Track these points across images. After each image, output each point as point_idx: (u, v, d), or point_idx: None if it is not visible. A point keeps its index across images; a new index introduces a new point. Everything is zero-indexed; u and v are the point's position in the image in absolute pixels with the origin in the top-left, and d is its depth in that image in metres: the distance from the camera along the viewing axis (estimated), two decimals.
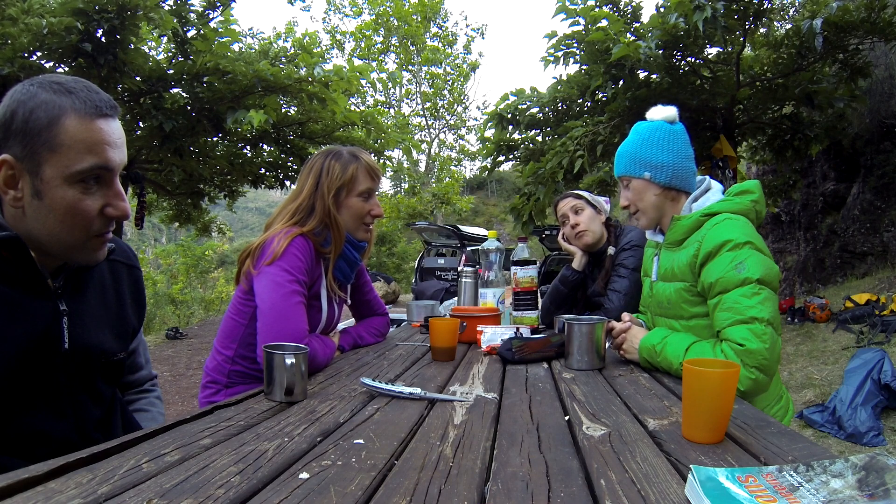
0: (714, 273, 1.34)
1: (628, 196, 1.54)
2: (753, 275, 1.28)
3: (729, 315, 1.29)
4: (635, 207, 1.54)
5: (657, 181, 1.48)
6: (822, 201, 8.76)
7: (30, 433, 0.95)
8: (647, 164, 1.48)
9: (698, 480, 0.64)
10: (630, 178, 1.52)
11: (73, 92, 0.90)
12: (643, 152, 1.49)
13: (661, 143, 1.48)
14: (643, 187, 1.50)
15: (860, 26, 5.58)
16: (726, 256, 1.32)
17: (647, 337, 1.42)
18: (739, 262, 1.30)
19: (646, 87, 6.15)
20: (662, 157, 1.47)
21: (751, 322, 1.26)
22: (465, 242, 10.12)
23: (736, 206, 1.41)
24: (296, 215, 1.55)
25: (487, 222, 27.99)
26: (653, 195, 1.50)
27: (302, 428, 0.90)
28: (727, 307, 1.30)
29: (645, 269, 1.66)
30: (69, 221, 0.92)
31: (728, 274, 1.31)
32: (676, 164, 1.47)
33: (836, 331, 5.46)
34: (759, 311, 1.26)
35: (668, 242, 1.50)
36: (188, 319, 10.78)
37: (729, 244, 1.33)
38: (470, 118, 26.48)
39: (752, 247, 1.32)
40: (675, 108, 1.53)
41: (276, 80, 6.56)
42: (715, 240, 1.35)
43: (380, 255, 18.37)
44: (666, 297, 1.49)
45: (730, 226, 1.36)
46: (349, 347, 1.72)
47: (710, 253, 1.35)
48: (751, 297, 1.27)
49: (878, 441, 3.38)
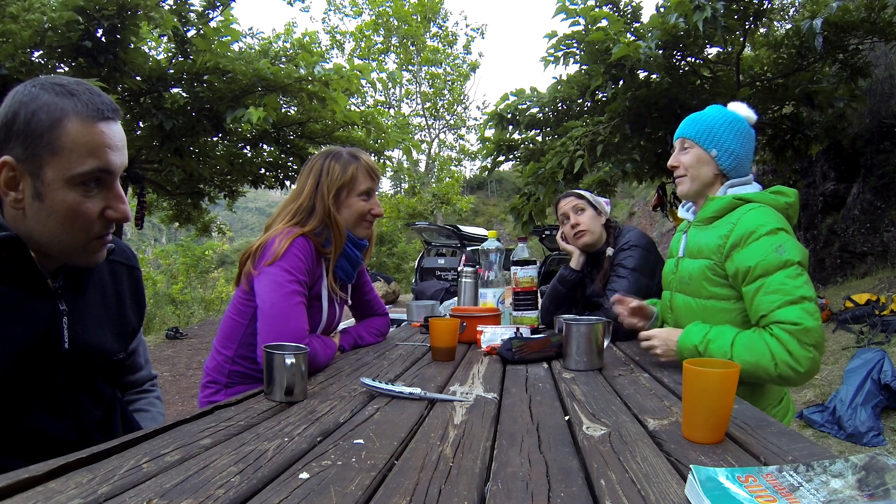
0: (753, 257, 1.33)
1: (683, 159, 1.54)
2: (794, 257, 1.30)
3: (777, 297, 1.29)
4: (685, 171, 1.54)
5: (719, 162, 1.49)
6: (822, 201, 8.75)
7: (30, 433, 0.95)
8: (719, 143, 1.49)
9: (698, 480, 0.64)
10: (695, 145, 1.52)
11: (75, 94, 0.90)
12: (720, 131, 1.49)
13: (738, 132, 1.50)
14: (704, 160, 1.51)
15: (860, 26, 5.58)
16: (764, 241, 1.33)
17: (685, 337, 1.38)
18: (779, 245, 1.31)
19: (646, 87, 6.15)
20: (735, 145, 1.49)
21: (801, 301, 1.27)
22: (465, 242, 10.12)
23: (770, 200, 1.43)
24: (296, 216, 1.55)
25: (487, 222, 27.98)
26: (709, 172, 1.51)
27: (302, 428, 0.90)
28: (773, 290, 1.29)
29: (672, 251, 1.67)
30: (69, 223, 0.92)
31: (770, 257, 1.31)
32: (742, 157, 1.50)
33: (836, 331, 5.46)
34: (806, 290, 1.28)
35: (699, 220, 1.51)
36: (188, 319, 10.77)
37: (763, 228, 1.33)
38: (470, 118, 26.52)
39: (786, 232, 1.33)
40: (755, 115, 1.55)
41: (276, 79, 6.56)
42: (749, 225, 1.35)
43: (380, 255, 18.36)
44: (689, 274, 1.49)
45: (764, 212, 1.37)
46: (349, 347, 1.72)
47: (743, 237, 1.35)
48: (796, 278, 1.29)
49: (878, 441, 3.38)
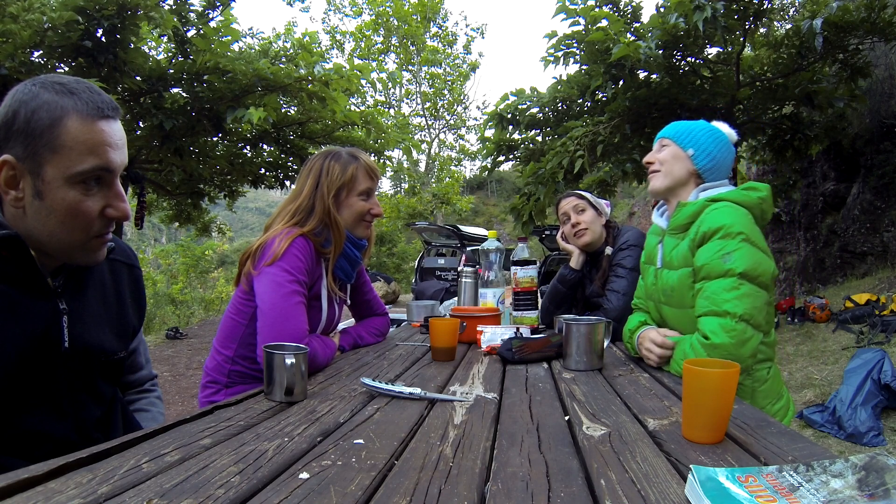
0: (702, 258, 1.33)
1: (659, 156, 1.54)
2: (737, 267, 1.26)
3: (704, 304, 1.29)
4: (660, 167, 1.54)
5: (695, 161, 1.49)
6: (822, 201, 8.75)
7: (30, 433, 0.95)
8: (697, 143, 1.50)
9: (698, 480, 0.64)
10: (672, 143, 1.53)
11: (75, 93, 0.90)
12: (698, 133, 1.52)
13: (717, 139, 1.51)
14: (680, 156, 1.51)
15: (860, 26, 5.57)
16: (716, 244, 1.31)
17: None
18: (727, 252, 1.28)
19: (646, 87, 6.14)
20: (713, 147, 1.50)
21: (723, 316, 1.24)
22: (465, 242, 10.12)
23: (742, 197, 1.40)
24: (296, 216, 1.55)
25: (487, 222, 27.99)
26: (683, 169, 1.51)
27: (302, 428, 0.90)
28: (706, 295, 1.30)
29: (649, 257, 1.63)
30: (70, 222, 0.92)
31: (713, 261, 1.30)
32: (719, 160, 1.50)
33: (836, 331, 5.46)
34: (733, 305, 1.24)
35: (672, 228, 1.49)
36: (188, 319, 10.76)
37: (721, 231, 1.31)
38: (470, 118, 26.52)
39: (744, 238, 1.30)
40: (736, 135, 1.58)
41: (275, 78, 6.56)
42: (711, 223, 1.34)
43: (380, 255, 18.36)
44: (670, 286, 1.47)
45: (728, 212, 1.34)
46: (349, 347, 1.72)
47: (706, 235, 1.34)
48: (729, 291, 1.26)
49: (878, 441, 3.38)
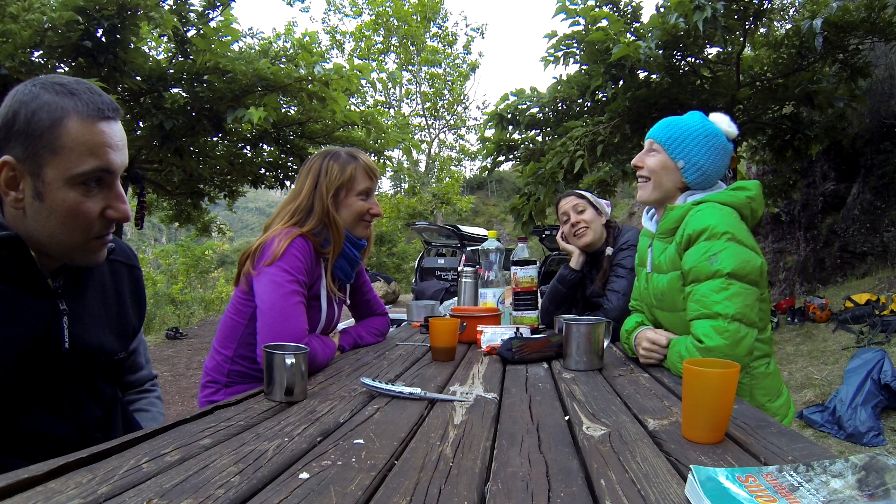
0: (689, 261, 1.32)
1: (648, 161, 1.48)
2: (725, 268, 1.25)
3: (695, 307, 1.29)
4: (648, 175, 1.48)
5: (685, 174, 1.44)
6: (822, 201, 8.75)
7: (30, 433, 0.95)
8: (688, 155, 1.43)
9: (698, 480, 0.64)
10: (661, 151, 1.47)
11: (75, 94, 0.90)
12: (692, 144, 1.43)
13: (711, 148, 1.44)
14: (670, 168, 1.45)
15: (860, 26, 5.58)
16: (702, 245, 1.30)
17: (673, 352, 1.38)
18: (713, 253, 1.27)
19: (646, 87, 6.15)
20: (704, 159, 1.43)
21: (714, 318, 1.24)
22: (465, 242, 10.13)
23: (729, 197, 1.38)
24: (295, 216, 1.55)
25: (487, 222, 27.99)
26: (671, 181, 1.46)
27: (302, 428, 0.90)
28: (696, 299, 1.29)
29: (641, 260, 1.61)
30: (70, 223, 0.92)
31: (700, 264, 1.29)
32: (710, 173, 1.44)
33: (836, 331, 5.46)
34: (724, 306, 1.23)
35: (661, 232, 1.47)
36: (188, 319, 10.76)
37: (706, 232, 1.30)
38: (470, 118, 26.53)
39: (730, 237, 1.28)
40: (736, 130, 1.50)
41: (276, 78, 6.56)
42: (695, 225, 1.32)
43: (380, 255, 18.36)
44: (660, 290, 1.46)
45: (712, 213, 1.32)
46: (349, 347, 1.72)
47: (690, 238, 1.33)
48: (718, 292, 1.25)
49: (878, 441, 3.38)
